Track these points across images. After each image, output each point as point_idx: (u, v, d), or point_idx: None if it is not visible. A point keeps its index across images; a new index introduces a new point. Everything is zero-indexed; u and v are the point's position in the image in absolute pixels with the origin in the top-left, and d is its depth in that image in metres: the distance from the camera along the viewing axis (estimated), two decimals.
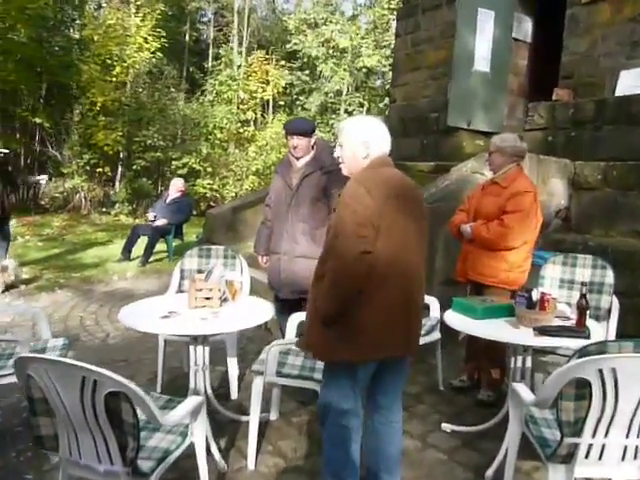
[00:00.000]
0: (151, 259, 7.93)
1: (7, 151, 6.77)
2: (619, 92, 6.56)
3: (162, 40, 14.30)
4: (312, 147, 3.62)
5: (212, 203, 14.42)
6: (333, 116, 17.98)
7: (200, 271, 3.51)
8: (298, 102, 18.39)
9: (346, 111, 17.79)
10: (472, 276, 3.44)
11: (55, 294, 6.09)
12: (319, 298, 2.10)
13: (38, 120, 12.98)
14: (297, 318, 3.13)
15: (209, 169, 14.11)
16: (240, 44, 20.89)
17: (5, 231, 6.46)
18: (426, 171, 7.78)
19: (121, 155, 13.53)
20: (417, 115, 9.03)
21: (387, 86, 16.93)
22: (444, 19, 9.16)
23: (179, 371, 3.77)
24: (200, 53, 22.04)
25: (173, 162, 13.74)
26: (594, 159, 5.82)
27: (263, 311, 3.02)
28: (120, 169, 13.84)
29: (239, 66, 14.04)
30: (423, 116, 8.78)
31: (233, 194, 15.23)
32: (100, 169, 12.88)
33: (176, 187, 8.33)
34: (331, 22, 17.49)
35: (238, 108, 14.12)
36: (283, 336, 3.45)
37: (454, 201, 4.93)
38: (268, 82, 15.31)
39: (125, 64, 13.89)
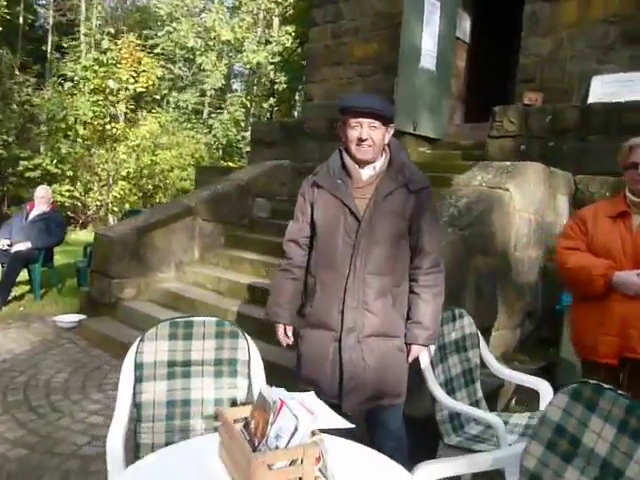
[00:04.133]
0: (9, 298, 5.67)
1: None
2: (592, 99, 5.92)
3: None
4: (385, 147, 2.13)
5: (71, 214, 11.84)
6: (213, 116, 16.09)
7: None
8: (171, 98, 16.20)
9: (228, 111, 16.01)
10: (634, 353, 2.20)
11: None
12: None
13: None
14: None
15: (69, 172, 11.50)
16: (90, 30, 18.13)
17: None
18: None
19: None
20: None
21: (275, 85, 15.56)
22: (375, 8, 8.05)
23: None
24: (38, 39, 18.79)
25: (21, 162, 10.94)
26: (579, 172, 5.03)
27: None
28: None
29: (105, 50, 11.63)
30: None
31: (98, 202, 12.74)
32: None
33: (44, 198, 6.09)
34: (210, 11, 15.65)
35: (106, 100, 11.69)
36: None
37: (485, 226, 3.72)
38: (138, 72, 13.01)
39: None
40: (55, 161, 11.22)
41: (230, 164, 15.69)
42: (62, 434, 3.11)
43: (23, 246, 5.70)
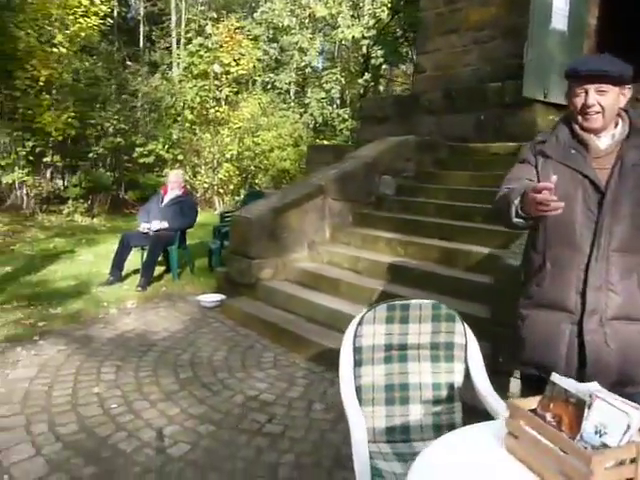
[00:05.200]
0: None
1: None
2: None
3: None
4: (620, 112, 1.92)
5: None
6: (310, 95, 16.06)
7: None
8: (267, 78, 16.34)
9: (323, 89, 15.94)
10: None
11: (39, 349, 4.06)
12: None
13: None
14: None
15: (180, 157, 11.94)
16: (179, 20, 18.57)
17: None
18: (503, 153, 6.21)
19: (73, 142, 11.09)
20: (469, 87, 7.42)
21: (372, 61, 15.26)
22: None
23: None
24: (130, 31, 19.52)
25: (137, 149, 11.47)
26: None
27: None
28: (71, 159, 11.41)
29: (208, 35, 11.86)
30: (479, 88, 7.19)
31: (205, 185, 13.16)
32: (47, 159, 10.44)
33: (176, 183, 6.32)
34: None
35: (212, 84, 11.97)
36: None
37: None
38: (240, 55, 13.17)
39: (68, 32, 11.41)
40: (167, 146, 11.66)
41: (325, 142, 15.69)
42: (241, 411, 3.20)
43: (160, 225, 5.95)
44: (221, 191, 13.44)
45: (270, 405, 3.29)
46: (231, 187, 13.74)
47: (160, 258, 6.21)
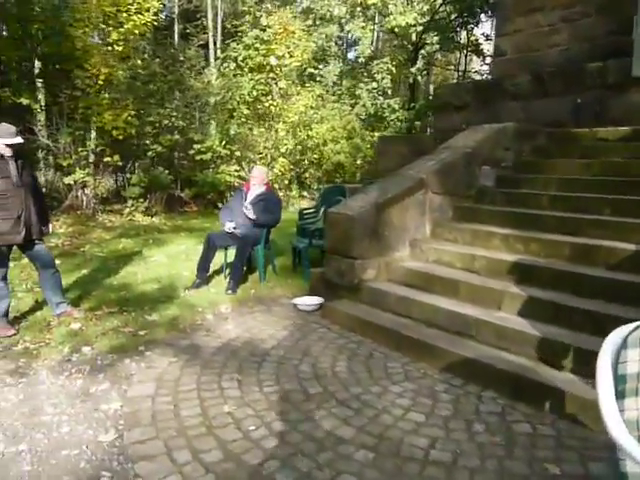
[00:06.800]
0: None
1: (21, 140, 4.39)
2: None
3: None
4: None
5: None
6: (361, 85, 15.61)
7: None
8: (316, 71, 15.95)
9: (373, 79, 15.48)
10: None
11: (148, 361, 3.79)
12: None
13: (24, 101, 10.27)
14: None
15: (237, 153, 11.68)
16: (216, 15, 18.32)
17: None
18: (613, 139, 5.71)
19: (132, 140, 10.93)
20: (562, 69, 6.89)
21: (427, 47, 14.73)
22: None
23: None
24: (165, 28, 19.37)
25: (194, 146, 11.26)
26: None
27: None
28: (129, 157, 11.27)
29: (264, 27, 11.54)
30: (575, 69, 6.66)
31: None
32: (108, 158, 10.30)
33: (260, 178, 6.01)
34: None
35: (268, 77, 11.66)
36: None
37: None
38: (294, 47, 12.82)
39: (122, 29, 11.25)
40: (224, 142, 11.41)
41: (376, 133, 15.24)
42: (394, 434, 2.85)
43: (246, 228, 5.66)
44: (276, 186, 13.16)
45: (424, 426, 2.93)
46: (285, 182, 13.46)
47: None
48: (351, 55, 15.77)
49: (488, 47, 16.24)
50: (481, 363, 3.47)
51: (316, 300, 4.98)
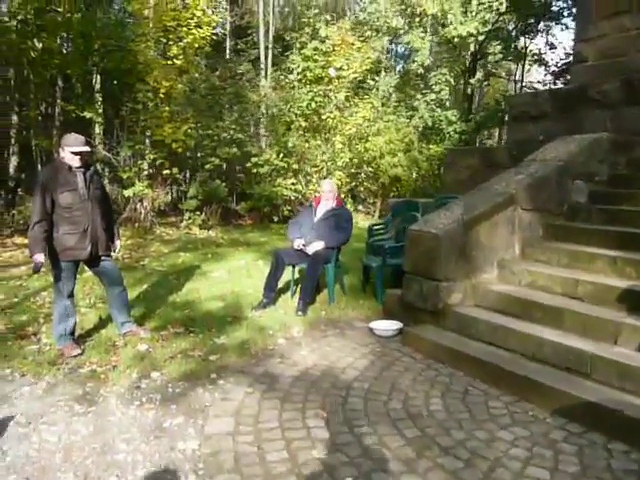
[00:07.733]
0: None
1: (89, 149, 4.23)
2: None
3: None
4: None
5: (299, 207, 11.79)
6: (418, 97, 15.19)
7: None
8: (372, 82, 15.63)
9: (432, 90, 15.04)
10: None
11: (222, 392, 3.48)
12: None
13: (87, 115, 10.35)
14: None
15: (294, 166, 11.45)
16: (267, 31, 18.25)
17: None
18: None
19: (190, 153, 10.87)
20: None
21: (489, 57, 14.20)
22: None
23: None
24: (218, 44, 19.48)
25: (252, 159, 11.09)
26: None
27: None
28: (187, 171, 11.21)
29: (324, 38, 11.33)
30: None
31: (317, 194, 12.61)
32: (167, 171, 10.25)
33: (331, 193, 5.69)
34: None
35: (327, 89, 11.42)
36: None
37: None
38: (353, 58, 12.54)
39: (181, 44, 11.25)
40: (282, 155, 11.21)
41: (432, 146, 14.76)
42: None
43: (319, 246, 5.34)
44: None
45: None
46: (342, 196, 13.13)
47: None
48: (400, 67, 15.28)
49: (552, 56, 15.58)
50: (605, 408, 2.99)
51: (395, 325, 4.59)
